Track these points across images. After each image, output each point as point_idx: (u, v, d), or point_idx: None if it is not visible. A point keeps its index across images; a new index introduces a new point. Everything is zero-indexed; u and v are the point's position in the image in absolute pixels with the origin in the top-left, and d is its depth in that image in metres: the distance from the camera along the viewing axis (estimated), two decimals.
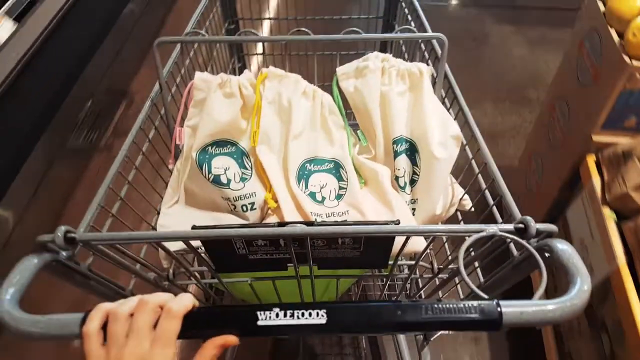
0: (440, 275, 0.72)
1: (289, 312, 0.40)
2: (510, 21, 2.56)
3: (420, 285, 0.96)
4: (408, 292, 0.97)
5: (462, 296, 0.79)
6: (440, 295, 0.84)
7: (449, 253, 0.82)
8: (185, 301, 0.40)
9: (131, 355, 0.37)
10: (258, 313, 0.40)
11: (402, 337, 1.20)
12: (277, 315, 0.40)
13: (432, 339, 0.94)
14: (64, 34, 1.72)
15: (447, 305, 0.39)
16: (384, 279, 1.08)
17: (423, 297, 0.94)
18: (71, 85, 1.87)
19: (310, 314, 0.40)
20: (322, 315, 0.40)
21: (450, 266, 0.68)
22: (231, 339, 0.40)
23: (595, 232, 1.03)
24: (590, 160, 1.09)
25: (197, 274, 0.70)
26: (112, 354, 0.37)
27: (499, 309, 0.39)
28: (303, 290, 0.72)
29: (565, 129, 1.24)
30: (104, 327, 0.39)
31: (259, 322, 0.39)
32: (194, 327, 0.40)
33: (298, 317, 0.39)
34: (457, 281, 0.77)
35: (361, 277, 0.98)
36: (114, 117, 2.05)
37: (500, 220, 0.61)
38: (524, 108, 2.07)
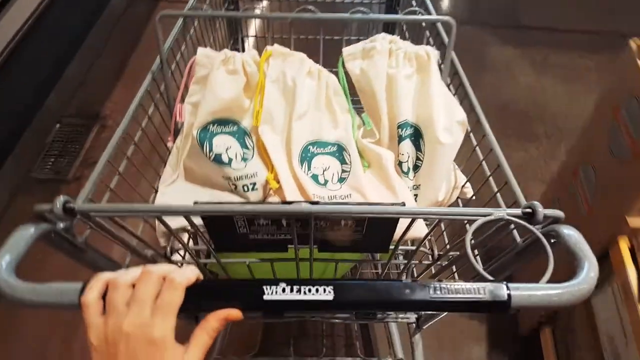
0: (438, 262, 0.72)
1: (295, 287, 0.39)
2: (514, 42, 2.34)
3: (416, 274, 0.96)
4: (404, 279, 0.97)
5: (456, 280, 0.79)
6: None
7: (447, 241, 0.81)
8: (189, 273, 0.39)
9: (130, 325, 0.36)
10: (264, 287, 0.39)
11: (393, 323, 1.20)
12: (283, 290, 0.39)
13: (424, 327, 0.94)
14: (29, 50, 1.62)
15: (456, 286, 0.39)
16: (382, 265, 1.08)
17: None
18: (36, 108, 1.73)
19: (317, 290, 0.39)
20: (329, 292, 0.39)
21: (450, 252, 0.68)
22: (235, 313, 0.39)
23: (629, 334, 0.89)
24: (624, 245, 0.92)
25: (194, 252, 0.69)
26: (111, 323, 0.36)
27: (507, 291, 0.38)
28: (300, 274, 0.71)
29: (592, 201, 1.06)
30: (104, 296, 0.38)
31: (265, 297, 0.39)
32: (197, 300, 0.39)
33: (305, 293, 0.39)
34: (454, 269, 0.76)
35: (358, 262, 0.98)
36: (84, 143, 1.83)
37: (504, 206, 0.61)
38: (530, 144, 1.92)
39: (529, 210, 0.47)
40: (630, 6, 2.50)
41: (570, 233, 0.45)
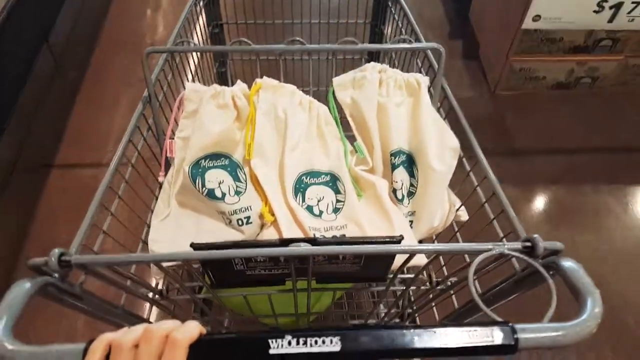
0: (438, 288, 0.72)
1: (301, 340, 0.38)
2: (515, 180, 1.63)
3: (414, 298, 0.96)
4: (400, 304, 0.96)
5: (456, 306, 0.79)
6: (434, 308, 0.84)
7: (442, 262, 0.82)
8: (191, 330, 0.39)
9: None
10: (270, 341, 0.38)
11: None
12: (289, 343, 0.38)
13: None
14: None
15: (463, 331, 0.39)
16: (380, 293, 1.08)
17: (414, 308, 0.94)
18: None
19: (323, 342, 0.38)
20: (336, 343, 0.38)
21: (449, 279, 0.68)
22: None
23: None
24: None
25: (189, 289, 0.68)
26: None
27: (514, 335, 0.38)
28: (298, 302, 0.71)
29: None
30: (107, 358, 0.37)
31: (271, 351, 0.38)
32: (202, 358, 0.38)
33: (311, 345, 0.38)
34: (451, 292, 0.76)
35: (354, 289, 0.98)
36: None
37: (501, 234, 0.61)
38: None
39: (528, 244, 0.47)
40: None
41: (571, 266, 0.45)
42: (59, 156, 1.66)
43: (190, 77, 0.95)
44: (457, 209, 0.75)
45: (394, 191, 0.72)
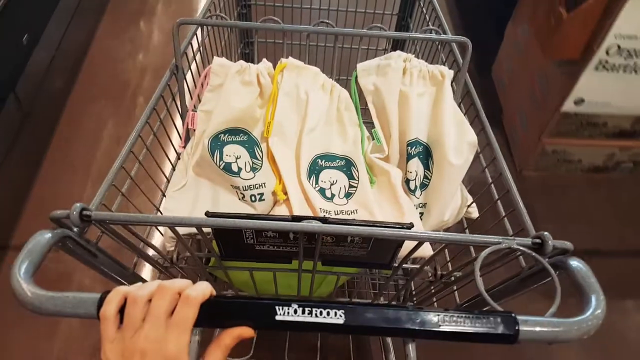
0: (442, 280, 0.73)
1: (307, 309, 0.40)
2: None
3: (414, 290, 0.97)
4: (401, 297, 0.97)
5: (457, 302, 0.80)
6: (435, 303, 0.84)
7: (448, 258, 0.82)
8: (204, 289, 0.40)
9: (146, 340, 0.37)
10: (276, 308, 0.39)
11: None
12: (295, 311, 0.39)
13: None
14: None
15: (465, 316, 0.40)
16: (382, 281, 1.09)
17: (415, 302, 0.95)
18: None
19: (328, 313, 0.40)
20: (340, 316, 0.40)
21: (454, 273, 0.68)
22: (248, 332, 0.40)
23: None
24: None
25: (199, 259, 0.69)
26: (128, 337, 0.37)
27: (516, 326, 0.39)
28: (301, 284, 0.72)
29: None
30: (121, 310, 0.39)
31: (277, 317, 0.39)
32: (211, 316, 0.40)
33: (316, 315, 0.39)
34: (454, 288, 0.77)
35: (357, 275, 0.99)
36: None
37: (511, 232, 0.61)
38: None
39: (538, 241, 0.48)
40: None
41: (578, 266, 0.46)
42: (18, 234, 1.37)
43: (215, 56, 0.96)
44: (469, 206, 0.76)
45: (407, 181, 0.73)
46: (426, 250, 0.66)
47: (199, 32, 0.84)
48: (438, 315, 0.40)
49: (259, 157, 0.73)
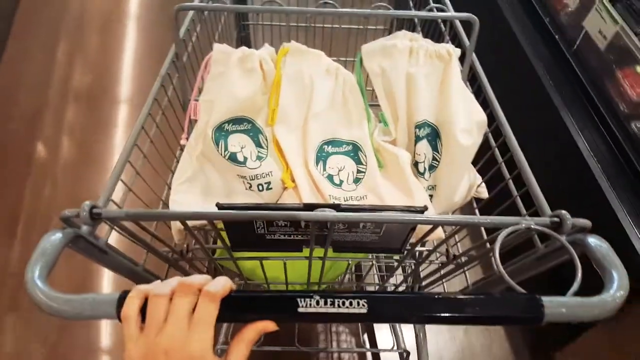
0: (454, 261, 0.73)
1: (329, 300, 0.39)
2: None
3: (423, 274, 0.96)
4: (410, 280, 0.97)
5: (468, 283, 0.79)
6: (444, 284, 0.84)
7: (457, 239, 0.82)
8: (223, 284, 0.39)
9: (170, 339, 0.36)
10: (298, 300, 0.39)
11: None
12: (317, 302, 0.39)
13: None
14: None
15: (488, 299, 0.39)
16: (392, 265, 1.08)
17: (423, 284, 0.95)
18: None
19: (351, 303, 0.39)
20: (363, 305, 0.39)
21: (468, 253, 0.68)
22: (271, 326, 0.39)
23: None
24: None
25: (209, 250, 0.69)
26: (151, 337, 0.36)
27: (541, 306, 0.39)
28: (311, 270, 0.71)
29: None
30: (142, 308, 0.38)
31: (299, 309, 0.39)
32: (233, 312, 0.39)
33: (339, 306, 0.39)
34: (465, 268, 0.77)
35: (362, 259, 0.98)
36: None
37: (524, 212, 0.61)
38: None
39: (556, 219, 0.47)
40: None
41: (599, 243, 0.45)
42: None
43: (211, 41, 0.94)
44: (478, 186, 0.75)
45: (416, 164, 0.72)
46: (437, 233, 0.65)
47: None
48: (462, 299, 0.39)
49: (264, 145, 0.72)
